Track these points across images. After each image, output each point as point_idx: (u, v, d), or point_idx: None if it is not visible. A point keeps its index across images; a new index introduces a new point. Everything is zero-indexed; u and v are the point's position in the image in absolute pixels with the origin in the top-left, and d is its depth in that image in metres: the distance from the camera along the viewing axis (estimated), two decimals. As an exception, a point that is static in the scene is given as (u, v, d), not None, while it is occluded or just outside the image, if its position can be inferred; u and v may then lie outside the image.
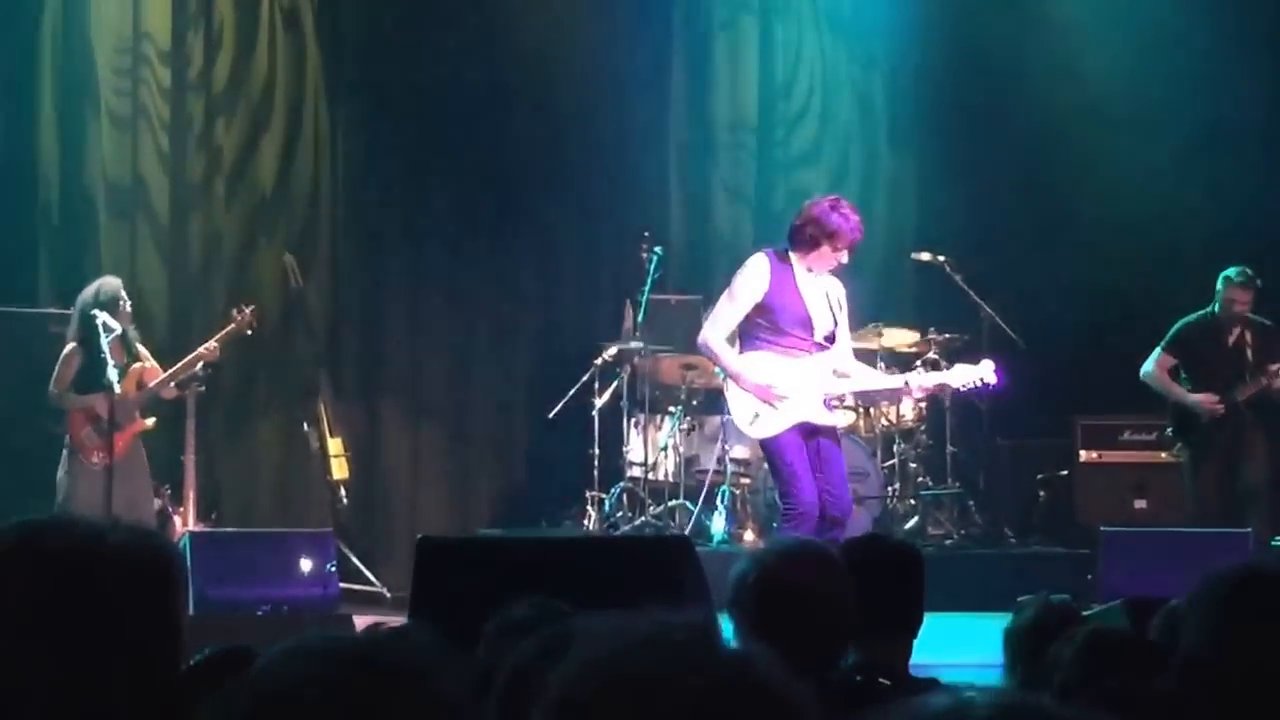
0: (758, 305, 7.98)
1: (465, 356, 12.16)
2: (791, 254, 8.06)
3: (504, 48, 11.98)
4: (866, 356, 9.77)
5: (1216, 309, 9.95)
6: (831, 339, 8.09)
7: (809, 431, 7.97)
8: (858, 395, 8.28)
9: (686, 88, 12.71)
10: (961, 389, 8.32)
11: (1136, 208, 11.74)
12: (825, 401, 8.10)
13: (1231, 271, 9.89)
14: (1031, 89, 12.00)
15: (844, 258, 8.06)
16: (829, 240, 7.97)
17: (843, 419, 8.29)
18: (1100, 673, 3.10)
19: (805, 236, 8.00)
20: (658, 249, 11.13)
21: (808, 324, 8.03)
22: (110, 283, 9.63)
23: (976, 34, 12.01)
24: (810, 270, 8.04)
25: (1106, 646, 3.24)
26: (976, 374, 8.10)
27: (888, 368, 10.48)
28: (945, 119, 12.25)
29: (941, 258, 10.86)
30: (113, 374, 9.10)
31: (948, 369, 8.27)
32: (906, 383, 8.35)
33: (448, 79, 11.93)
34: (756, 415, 7.97)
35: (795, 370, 7.99)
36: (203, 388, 9.96)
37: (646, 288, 11.03)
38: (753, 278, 8.02)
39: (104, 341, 9.15)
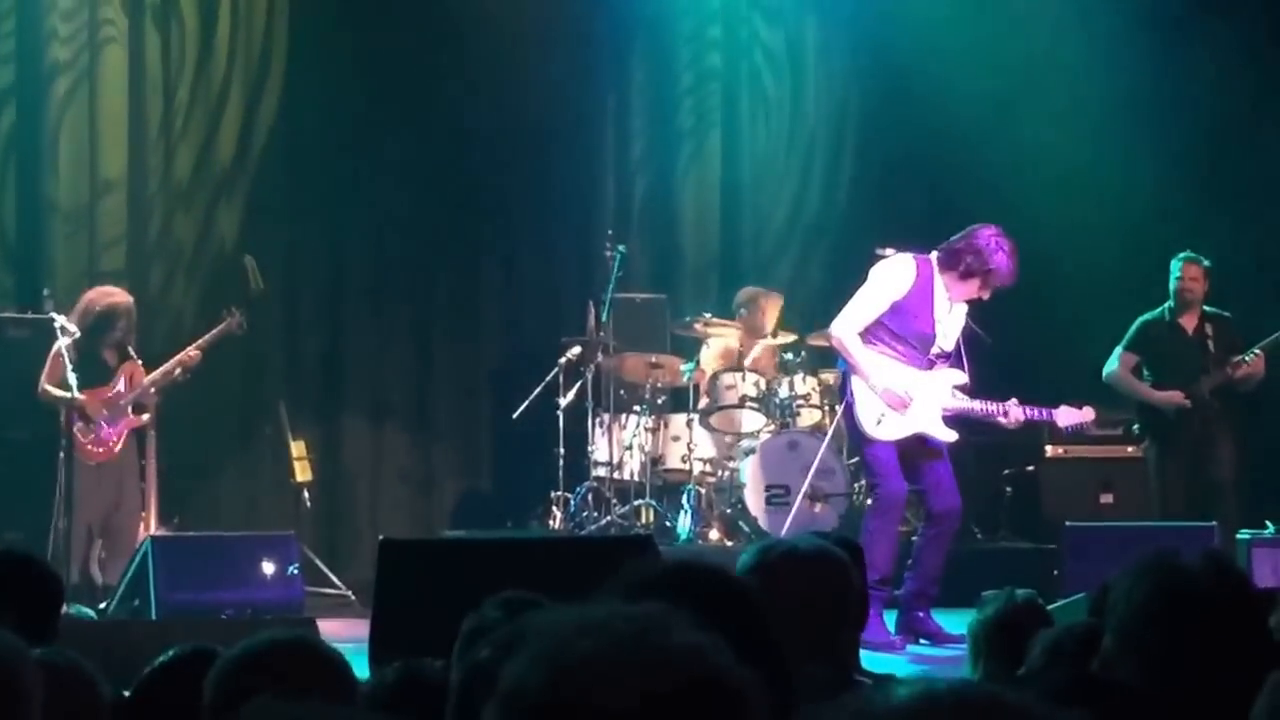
0: (891, 305, 8.03)
1: (428, 357, 12.12)
2: (937, 270, 8.09)
3: (469, 48, 11.94)
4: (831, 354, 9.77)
5: (1173, 303, 9.98)
6: (944, 358, 8.16)
7: (921, 442, 8.10)
8: (961, 415, 8.42)
9: (651, 79, 12.70)
10: (1065, 429, 8.61)
11: (1099, 204, 11.75)
12: (944, 417, 8.18)
13: (1180, 255, 9.97)
14: (997, 90, 11.99)
15: (987, 295, 8.14)
16: (984, 276, 8.08)
17: (953, 436, 8.39)
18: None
19: (962, 264, 8.05)
20: (621, 247, 11.11)
21: (929, 340, 8.13)
22: (121, 300, 9.67)
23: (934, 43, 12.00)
24: (948, 291, 8.08)
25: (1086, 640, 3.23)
26: (1080, 418, 8.49)
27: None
28: (911, 122, 12.21)
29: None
30: (71, 378, 9.10)
31: (1053, 408, 8.47)
32: (1007, 412, 8.36)
33: (410, 79, 11.88)
34: (882, 417, 8.08)
35: (920, 382, 8.07)
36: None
37: (610, 286, 11.01)
38: (895, 279, 8.11)
39: (61, 344, 9.16)
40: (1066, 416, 8.47)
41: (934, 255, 8.20)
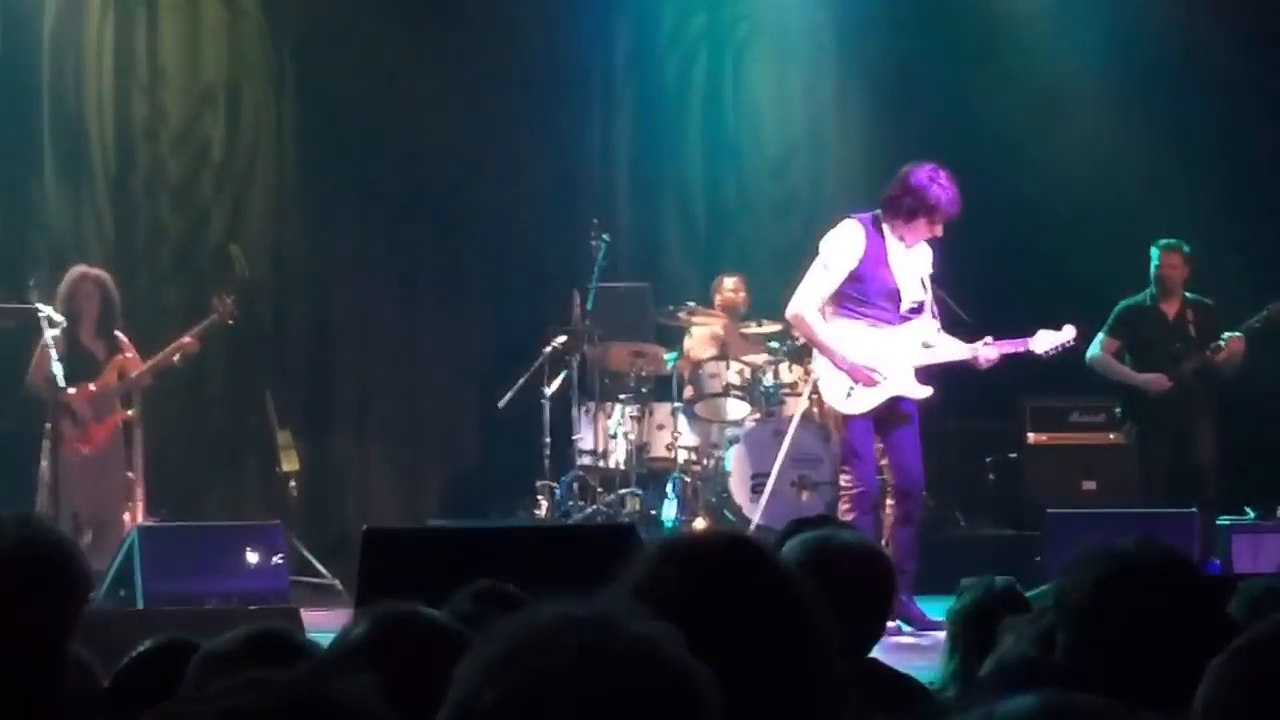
0: (848, 274, 7.99)
1: (413, 346, 12.13)
2: (884, 223, 8.05)
3: (451, 37, 11.95)
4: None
5: (1154, 288, 10.04)
6: (917, 310, 8.12)
7: (893, 406, 8.03)
8: (941, 366, 8.34)
9: (636, 66, 12.72)
10: (1046, 354, 8.39)
11: (1081, 187, 11.79)
12: (916, 374, 8.14)
13: (1160, 242, 10.02)
14: (985, 71, 12.01)
15: (939, 230, 8.06)
16: (927, 213, 7.98)
17: (927, 391, 8.30)
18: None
19: (902, 207, 7.99)
20: (605, 236, 11.13)
21: (895, 296, 8.07)
22: (94, 272, 9.69)
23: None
24: (902, 240, 8.05)
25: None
26: (1060, 339, 8.33)
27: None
28: (895, 103, 12.21)
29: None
30: (57, 369, 9.09)
31: (1030, 336, 8.35)
32: (976, 357, 8.27)
33: (395, 70, 11.89)
34: (851, 390, 8.02)
35: (885, 343, 8.02)
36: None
37: (595, 275, 11.03)
38: (846, 247, 8.04)
39: (47, 336, 9.16)
40: (1044, 341, 8.31)
41: (877, 212, 8.18)
